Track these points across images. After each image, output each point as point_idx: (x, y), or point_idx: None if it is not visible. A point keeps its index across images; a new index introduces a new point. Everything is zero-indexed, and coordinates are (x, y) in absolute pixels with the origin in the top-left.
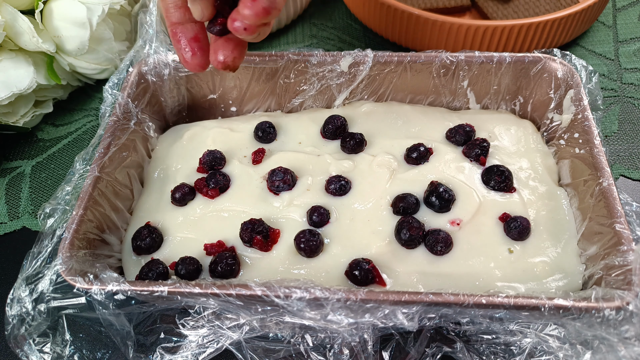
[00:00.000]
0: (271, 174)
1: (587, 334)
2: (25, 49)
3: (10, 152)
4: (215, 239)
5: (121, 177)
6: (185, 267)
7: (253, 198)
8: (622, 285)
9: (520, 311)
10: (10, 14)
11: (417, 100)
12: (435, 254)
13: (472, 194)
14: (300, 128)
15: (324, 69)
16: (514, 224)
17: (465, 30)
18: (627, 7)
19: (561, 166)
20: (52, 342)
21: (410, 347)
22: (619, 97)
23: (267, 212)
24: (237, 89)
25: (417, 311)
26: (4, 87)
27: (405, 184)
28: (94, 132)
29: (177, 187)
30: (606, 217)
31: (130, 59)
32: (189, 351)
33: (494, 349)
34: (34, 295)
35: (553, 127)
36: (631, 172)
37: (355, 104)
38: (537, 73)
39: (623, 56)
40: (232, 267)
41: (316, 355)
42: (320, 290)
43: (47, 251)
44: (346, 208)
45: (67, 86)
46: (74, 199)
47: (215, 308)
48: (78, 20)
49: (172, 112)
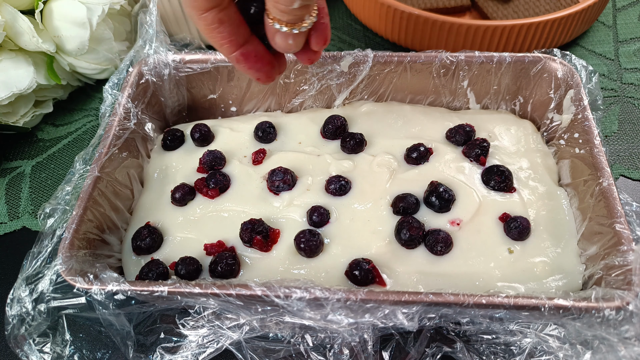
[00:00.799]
0: (271, 174)
1: (587, 334)
2: (25, 49)
3: (10, 152)
4: (215, 239)
5: (121, 177)
6: (185, 267)
7: (253, 198)
8: (622, 285)
9: (520, 311)
10: (10, 14)
11: (417, 100)
12: (435, 254)
13: (472, 194)
14: (300, 128)
15: (324, 69)
16: (514, 224)
17: (465, 30)
18: (627, 7)
19: (561, 166)
20: (52, 342)
21: (410, 347)
22: (619, 97)
23: (267, 212)
24: (237, 88)
25: (417, 311)
26: (4, 87)
27: (405, 184)
28: (94, 132)
29: (177, 187)
30: (606, 217)
31: (130, 59)
32: (189, 351)
33: (494, 349)
34: (34, 295)
35: (553, 127)
36: (631, 172)
37: (355, 104)
38: (537, 73)
39: (623, 56)
40: (232, 267)
41: (316, 355)
42: (320, 290)
43: (47, 251)
44: (346, 208)
45: (67, 86)
46: (74, 199)
47: (215, 308)
48: (78, 20)
49: (172, 112)
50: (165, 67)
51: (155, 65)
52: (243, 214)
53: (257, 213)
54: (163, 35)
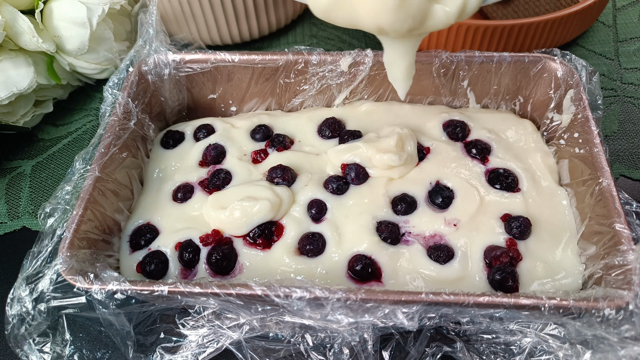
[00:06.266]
0: (271, 171)
1: (587, 333)
2: (26, 49)
3: (11, 152)
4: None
5: (121, 177)
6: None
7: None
8: (622, 285)
9: (520, 311)
10: (10, 14)
11: (417, 100)
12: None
13: (473, 193)
14: (299, 127)
15: (324, 68)
16: (515, 223)
17: (465, 30)
18: (627, 7)
19: (561, 166)
20: (52, 341)
21: (410, 347)
22: (619, 97)
23: None
24: (237, 88)
25: (417, 311)
26: (4, 87)
27: (405, 184)
28: (94, 132)
29: (178, 186)
30: (606, 216)
31: (130, 59)
32: (189, 351)
33: (494, 349)
34: (34, 295)
35: (553, 127)
36: (631, 172)
37: (355, 104)
38: (537, 73)
39: (623, 56)
40: (229, 256)
41: (316, 354)
42: (320, 289)
43: (47, 251)
44: (345, 206)
45: (67, 86)
46: (74, 199)
47: (215, 308)
48: (78, 20)
49: (172, 112)
50: (165, 67)
51: (155, 65)
52: None
53: None
54: (163, 35)
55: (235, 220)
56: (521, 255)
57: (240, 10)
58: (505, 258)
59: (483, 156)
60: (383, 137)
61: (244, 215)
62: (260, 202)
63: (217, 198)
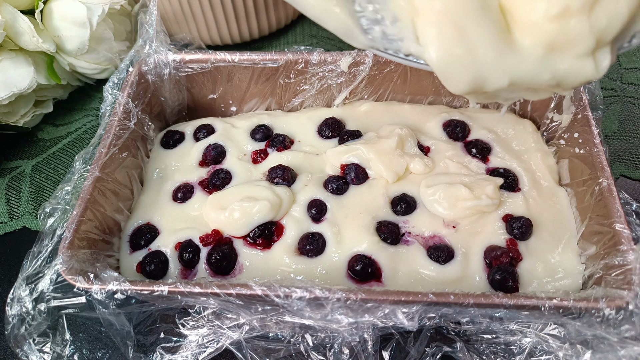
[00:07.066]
0: (271, 171)
1: (587, 333)
2: (26, 49)
3: (11, 152)
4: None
5: (121, 177)
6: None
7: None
8: (622, 285)
9: (520, 311)
10: (10, 14)
11: (417, 100)
12: (438, 263)
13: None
14: (299, 127)
15: (324, 68)
16: (517, 224)
17: None
18: None
19: (561, 166)
20: (52, 341)
21: (410, 347)
22: (619, 97)
23: None
24: (237, 88)
25: (417, 311)
26: (4, 87)
27: (405, 184)
28: (94, 132)
29: (178, 186)
30: (606, 216)
31: (130, 59)
32: (189, 351)
33: (494, 349)
34: (34, 295)
35: (553, 127)
36: (631, 172)
37: (355, 104)
38: None
39: (623, 56)
40: (229, 256)
41: (316, 354)
42: (320, 289)
43: (48, 251)
44: (345, 206)
45: (67, 86)
46: (74, 199)
47: (215, 308)
48: (78, 20)
49: (172, 112)
50: (165, 67)
51: (155, 65)
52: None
53: None
54: (163, 35)
55: (235, 221)
56: (521, 255)
57: (240, 10)
58: (505, 258)
59: (483, 156)
60: (383, 137)
61: (244, 216)
62: (260, 202)
63: (217, 198)
